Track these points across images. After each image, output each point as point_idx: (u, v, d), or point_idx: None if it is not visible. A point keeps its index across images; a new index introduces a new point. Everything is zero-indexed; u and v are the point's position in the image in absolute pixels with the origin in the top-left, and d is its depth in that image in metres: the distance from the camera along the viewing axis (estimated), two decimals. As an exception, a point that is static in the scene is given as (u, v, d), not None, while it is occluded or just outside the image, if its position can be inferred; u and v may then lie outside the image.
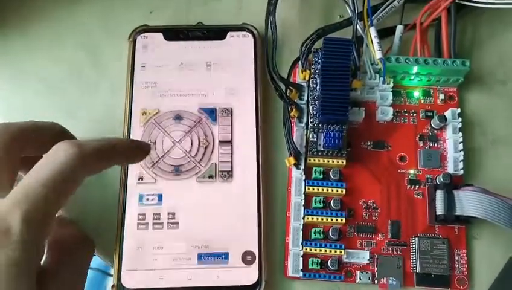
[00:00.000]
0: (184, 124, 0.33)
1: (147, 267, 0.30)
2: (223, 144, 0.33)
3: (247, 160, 0.32)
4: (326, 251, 0.31)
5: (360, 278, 0.31)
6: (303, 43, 0.34)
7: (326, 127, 0.32)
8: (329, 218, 0.31)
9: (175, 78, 0.34)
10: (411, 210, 0.32)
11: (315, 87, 0.33)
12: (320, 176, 0.32)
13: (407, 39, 0.35)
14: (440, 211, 0.31)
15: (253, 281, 0.30)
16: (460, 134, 0.33)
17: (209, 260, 0.30)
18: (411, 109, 0.34)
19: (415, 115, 0.34)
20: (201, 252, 0.30)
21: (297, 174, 0.32)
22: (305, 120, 0.33)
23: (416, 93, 0.35)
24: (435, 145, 0.34)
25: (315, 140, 0.32)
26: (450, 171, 0.32)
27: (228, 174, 0.32)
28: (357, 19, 0.33)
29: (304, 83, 0.34)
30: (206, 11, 0.37)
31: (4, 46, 0.37)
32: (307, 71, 0.33)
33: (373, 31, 0.33)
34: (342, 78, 0.31)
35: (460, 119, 0.33)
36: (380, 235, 0.32)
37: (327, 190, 0.32)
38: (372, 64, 0.34)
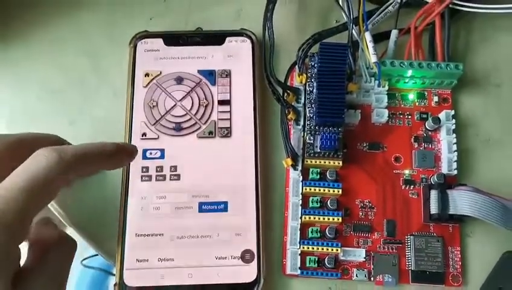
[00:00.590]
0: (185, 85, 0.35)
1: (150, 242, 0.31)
2: (222, 103, 0.34)
3: (245, 119, 0.34)
4: (323, 249, 0.31)
5: (356, 275, 0.31)
6: (300, 48, 0.34)
7: (323, 129, 0.32)
8: (326, 217, 0.32)
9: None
10: (406, 209, 0.33)
11: (312, 91, 0.33)
12: (317, 176, 0.33)
13: (402, 43, 0.36)
14: (434, 210, 0.32)
15: (252, 279, 0.30)
16: (454, 135, 0.33)
17: (210, 208, 0.32)
18: (406, 111, 0.35)
19: (409, 117, 0.35)
20: (202, 201, 0.32)
21: (294, 175, 0.33)
22: (302, 122, 0.34)
23: (411, 96, 0.35)
24: (430, 146, 0.34)
25: (312, 142, 0.33)
26: (444, 171, 0.33)
27: (227, 130, 0.33)
28: (352, 24, 0.33)
29: (301, 87, 0.35)
30: (205, 18, 0.38)
31: (6, 52, 0.38)
32: (304, 75, 0.34)
33: (368, 35, 0.34)
34: (338, 81, 0.31)
35: (454, 121, 0.34)
36: (376, 234, 0.32)
37: (324, 190, 0.32)
38: (367, 68, 0.34)
